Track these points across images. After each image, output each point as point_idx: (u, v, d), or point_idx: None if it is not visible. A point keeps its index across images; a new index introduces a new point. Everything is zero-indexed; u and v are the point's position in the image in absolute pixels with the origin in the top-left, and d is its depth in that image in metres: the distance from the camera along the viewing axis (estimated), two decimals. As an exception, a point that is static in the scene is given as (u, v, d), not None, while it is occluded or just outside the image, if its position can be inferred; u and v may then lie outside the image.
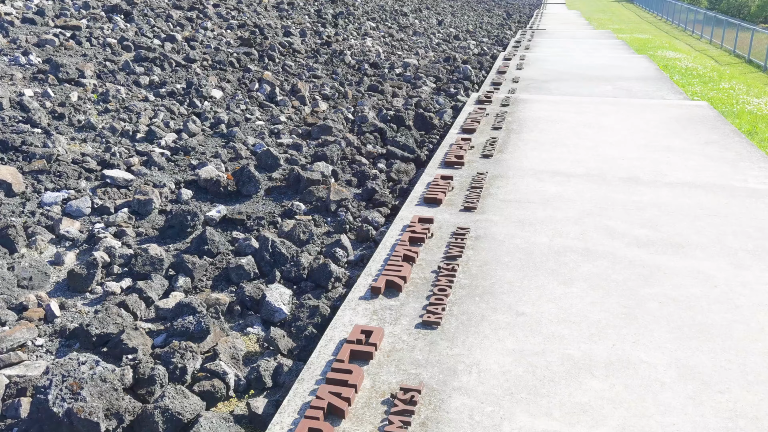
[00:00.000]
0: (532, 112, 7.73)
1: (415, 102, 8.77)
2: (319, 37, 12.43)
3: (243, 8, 13.95)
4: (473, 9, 30.47)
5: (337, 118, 7.56)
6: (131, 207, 4.75)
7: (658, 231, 4.28)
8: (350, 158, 6.25)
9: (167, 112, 6.79)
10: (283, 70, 9.58)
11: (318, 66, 10.18)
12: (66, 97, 6.46)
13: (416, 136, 7.22)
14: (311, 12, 15.73)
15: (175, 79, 7.93)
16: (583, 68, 11.49)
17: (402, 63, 11.45)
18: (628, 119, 7.34)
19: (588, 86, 9.76)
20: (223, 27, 11.42)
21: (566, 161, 5.82)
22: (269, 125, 7.07)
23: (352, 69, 10.70)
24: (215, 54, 9.33)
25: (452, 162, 5.71)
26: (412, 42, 15.12)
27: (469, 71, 10.90)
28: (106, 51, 8.42)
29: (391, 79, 10.28)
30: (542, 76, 10.67)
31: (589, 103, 8.20)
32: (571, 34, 19.80)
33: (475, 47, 15.80)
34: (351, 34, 14.10)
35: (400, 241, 4.09)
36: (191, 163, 5.70)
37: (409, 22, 18.69)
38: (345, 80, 9.79)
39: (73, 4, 10.92)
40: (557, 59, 12.72)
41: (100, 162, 5.38)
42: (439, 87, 10.23)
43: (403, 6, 23.21)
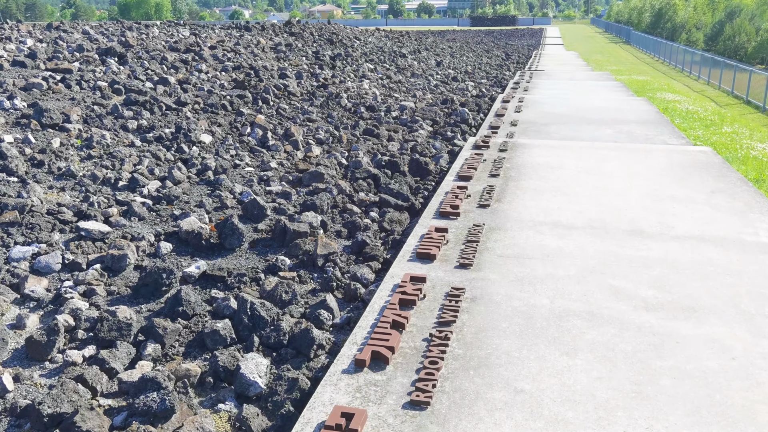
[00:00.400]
0: (531, 158, 7.50)
1: (411, 146, 8.56)
2: (315, 80, 12.32)
3: (240, 50, 13.90)
4: (472, 50, 30.68)
5: (330, 163, 7.32)
6: (104, 263, 4.46)
7: (668, 292, 3.97)
8: (341, 207, 5.98)
9: (153, 159, 6.56)
10: (277, 114, 9.40)
11: (313, 109, 10.01)
12: (47, 144, 6.23)
13: (411, 182, 6.97)
14: (309, 54, 15.71)
15: (164, 124, 7.73)
16: (582, 111, 11.33)
17: (399, 106, 11.29)
18: (630, 165, 7.10)
19: (588, 130, 9.57)
20: (218, 69, 11.30)
21: (567, 211, 5.55)
22: (259, 172, 6.83)
23: (347, 112, 10.54)
24: (208, 97, 9.16)
25: (447, 212, 5.44)
26: (409, 84, 15.04)
27: (466, 114, 10.74)
28: (95, 94, 8.25)
29: (387, 123, 10.10)
30: (541, 119, 10.49)
31: (590, 148, 7.98)
32: (570, 75, 19.78)
33: (474, 89, 15.72)
34: (348, 76, 14.01)
35: (390, 303, 3.79)
36: (174, 213, 5.43)
37: (408, 64, 18.69)
38: (340, 124, 9.61)
39: (67, 47, 10.83)
40: (556, 101, 12.59)
41: (76, 213, 5.11)
42: (435, 130, 10.04)
43: (402, 47, 23.32)
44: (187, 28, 16.86)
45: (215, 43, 14.48)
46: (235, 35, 16.61)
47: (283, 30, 20.20)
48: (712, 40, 47.28)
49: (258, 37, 16.90)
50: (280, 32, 19.54)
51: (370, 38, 23.23)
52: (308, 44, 17.96)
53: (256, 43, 15.86)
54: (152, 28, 16.11)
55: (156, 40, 13.59)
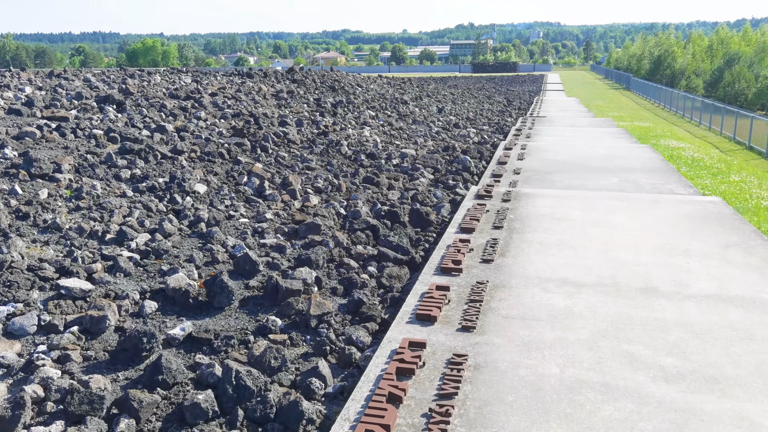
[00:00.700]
0: (535, 209, 7.27)
1: (411, 195, 8.35)
2: (316, 127, 12.22)
3: (241, 97, 13.87)
4: (474, 96, 30.87)
5: (327, 213, 7.10)
6: (83, 324, 4.18)
7: (688, 360, 3.67)
8: (338, 261, 5.72)
9: (144, 210, 6.34)
10: (275, 162, 9.23)
11: (312, 157, 9.85)
12: (35, 195, 6.03)
13: (411, 234, 6.72)
14: (311, 101, 15.69)
15: (159, 173, 7.54)
16: (586, 158, 11.16)
17: (400, 153, 11.14)
18: (639, 217, 6.85)
19: (593, 178, 9.36)
20: (217, 116, 11.21)
21: (575, 267, 5.27)
22: (254, 223, 6.59)
23: (348, 160, 10.38)
24: (205, 145, 9.01)
25: (449, 268, 5.17)
26: (411, 131, 14.95)
27: (468, 162, 10.56)
28: (90, 143, 8.09)
29: (388, 170, 9.92)
30: (545, 167, 10.31)
31: (596, 198, 7.75)
32: (572, 121, 19.75)
33: (475, 135, 15.62)
34: (349, 123, 13.93)
35: (386, 372, 3.49)
36: (162, 268, 5.18)
37: (409, 111, 18.68)
38: (340, 172, 9.43)
39: (66, 95, 10.76)
40: (559, 148, 12.44)
41: (58, 269, 4.86)
42: (437, 179, 9.85)
43: (404, 94, 23.42)
44: (188, 75, 16.92)
45: (216, 90, 14.47)
46: (237, 82, 16.65)
47: (285, 77, 20.31)
48: (711, 86, 47.67)
49: (260, 84, 16.94)
50: (282, 79, 19.63)
51: (372, 85, 23.36)
52: (310, 91, 17.99)
53: (257, 90, 15.86)
54: (154, 75, 16.16)
55: (157, 87, 13.57)
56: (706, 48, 61.78)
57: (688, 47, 62.39)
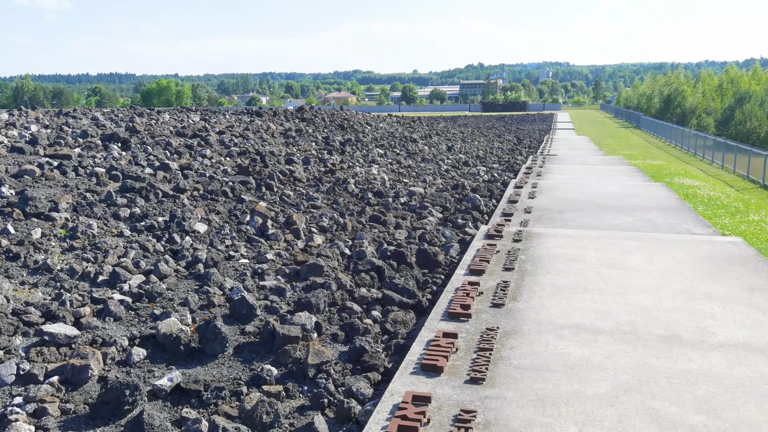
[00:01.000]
0: (547, 249, 6.98)
1: (419, 234, 8.09)
2: (323, 165, 12.06)
3: (249, 135, 13.79)
4: (484, 135, 30.85)
5: (331, 254, 6.84)
6: (64, 374, 3.91)
7: (719, 417, 3.34)
8: (340, 305, 5.44)
9: (140, 250, 6.11)
10: (280, 200, 9.03)
11: (318, 195, 9.65)
12: (27, 234, 5.82)
13: (418, 275, 6.44)
14: (319, 139, 15.60)
15: (159, 212, 7.34)
16: (599, 197, 10.89)
17: (408, 191, 10.93)
18: (656, 258, 6.54)
19: (606, 217, 9.08)
20: (222, 154, 11.08)
21: (591, 312, 4.96)
22: (254, 264, 6.34)
23: (354, 198, 10.17)
24: (209, 183, 8.84)
25: (457, 313, 4.88)
26: (419, 169, 14.78)
27: (478, 200, 10.32)
28: (91, 181, 7.94)
29: (395, 209, 9.69)
30: (557, 206, 10.04)
31: (611, 238, 7.45)
32: (583, 159, 19.54)
33: (485, 174, 15.43)
34: (357, 161, 13.79)
35: (387, 431, 3.18)
36: (154, 312, 4.92)
37: (418, 149, 18.57)
38: (346, 210, 9.20)
39: (72, 133, 10.69)
40: (571, 187, 12.19)
41: (44, 313, 4.62)
42: (446, 217, 9.60)
43: (413, 132, 23.38)
44: (197, 114, 16.93)
45: (224, 128, 14.41)
46: (246, 120, 16.63)
47: (294, 116, 20.34)
48: (722, 125, 47.54)
49: (268, 122, 16.92)
50: (291, 118, 19.65)
51: (381, 124, 23.35)
52: (319, 129, 17.95)
53: (265, 129, 15.81)
54: (163, 113, 16.18)
55: (165, 125, 13.53)
56: (716, 87, 61.87)
57: (698, 86, 62.52)
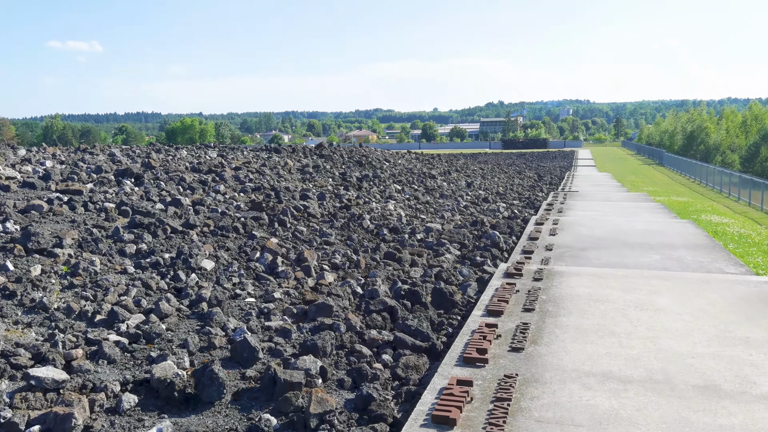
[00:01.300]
0: (570, 289, 6.61)
1: (435, 272, 7.77)
2: (338, 201, 11.84)
3: (265, 171, 13.67)
4: (504, 171, 30.59)
5: (342, 292, 6.55)
6: (46, 423, 3.63)
7: (769, 484, 2.94)
8: (349, 347, 5.12)
9: (142, 288, 5.87)
10: (293, 236, 8.79)
11: (332, 231, 9.39)
12: (26, 271, 5.62)
13: (433, 316, 6.11)
14: (336, 175, 15.45)
15: (166, 248, 7.13)
16: (623, 234, 10.49)
17: (424, 227, 10.63)
18: (687, 299, 6.14)
19: (632, 255, 8.68)
20: (236, 190, 10.92)
21: (619, 358, 4.58)
22: (261, 303, 6.06)
23: (369, 234, 9.90)
24: (220, 219, 8.64)
25: (473, 358, 4.53)
26: (438, 204, 14.50)
27: (497, 237, 9.98)
28: (99, 216, 7.78)
29: (411, 246, 9.39)
30: (579, 243, 9.66)
31: (638, 277, 7.06)
32: (605, 196, 19.12)
33: (505, 210, 15.10)
34: (374, 197, 13.56)
35: (391, 495, 2.84)
36: (150, 354, 4.64)
37: (437, 185, 18.33)
38: (360, 247, 8.93)
39: (86, 168, 10.63)
40: (594, 224, 11.80)
41: (34, 355, 4.36)
42: (464, 255, 9.27)
43: (432, 169, 23.20)
44: (215, 150, 16.93)
45: (240, 164, 14.33)
46: (263, 157, 16.58)
47: (313, 152, 20.31)
48: (748, 161, 46.80)
49: (286, 158, 16.84)
50: (310, 154, 19.60)
51: (400, 160, 23.22)
52: (337, 166, 17.83)
53: (282, 165, 15.72)
54: (181, 150, 16.20)
55: (181, 161, 13.48)
56: (740, 124, 61.19)
57: (721, 123, 61.88)
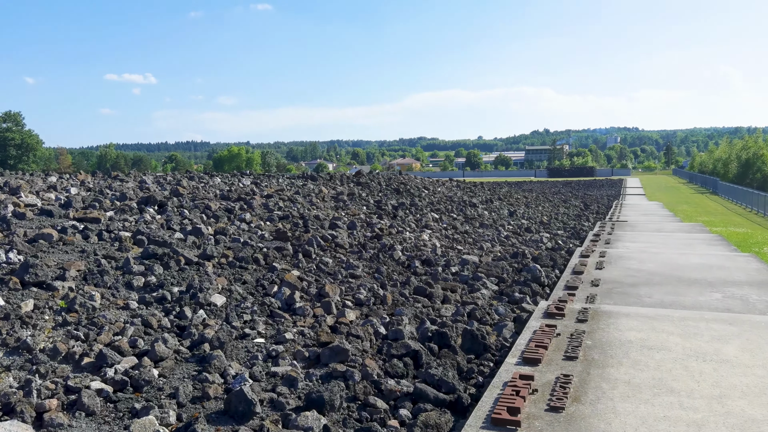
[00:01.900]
0: (618, 332, 5.84)
1: (468, 311, 7.09)
2: (370, 230, 11.28)
3: (297, 199, 13.25)
4: (548, 200, 29.65)
5: (363, 333, 5.93)
6: (-6, 492, 3.12)
7: None
8: (362, 400, 4.49)
9: (141, 326, 5.38)
10: (317, 269, 8.24)
11: (359, 263, 8.81)
12: (16, 307, 5.20)
13: (462, 362, 5.43)
14: (371, 203, 14.93)
15: (177, 281, 6.66)
16: (678, 269, 9.59)
17: (460, 260, 9.95)
18: (759, 348, 5.30)
19: (689, 293, 7.82)
20: (263, 218, 10.48)
21: (680, 424, 3.82)
22: (270, 344, 5.49)
23: (400, 266, 9.28)
24: (240, 249, 8.16)
25: (503, 420, 3.84)
26: (477, 235, 13.80)
27: (538, 271, 9.22)
28: (112, 246, 7.40)
29: (445, 279, 8.73)
30: (628, 279, 8.83)
31: (698, 320, 6.23)
32: (657, 226, 18.04)
33: (549, 241, 14.29)
34: (408, 225, 12.96)
35: None
36: (134, 406, 4.11)
37: (477, 213, 17.63)
38: (388, 280, 8.31)
39: (111, 195, 10.37)
40: (645, 257, 10.91)
41: (4, 405, 3.88)
42: (501, 290, 8.55)
43: (473, 197, 22.50)
44: (249, 178, 16.64)
45: (273, 191, 13.96)
46: (298, 184, 16.21)
47: (350, 180, 19.93)
48: (809, 190, 44.36)
49: (321, 186, 16.44)
50: (347, 182, 19.21)
51: (440, 188, 22.62)
52: (373, 193, 17.35)
53: (317, 192, 15.31)
54: (215, 177, 15.96)
55: (213, 188, 13.19)
56: (799, 150, 58.44)
57: (779, 150, 59.22)
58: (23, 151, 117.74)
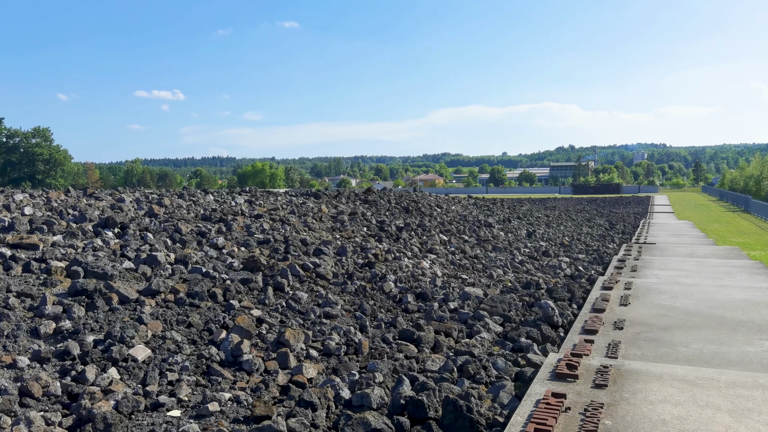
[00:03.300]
0: (648, 407, 4.46)
1: (461, 363, 5.76)
2: (362, 256, 9.99)
3: (290, 219, 12.05)
4: (571, 218, 28.10)
5: (320, 398, 4.64)
6: None
7: None
8: None
9: (16, 395, 4.15)
10: (285, 306, 6.97)
11: (339, 299, 7.53)
12: None
13: (439, 447, 4.10)
14: (373, 224, 13.64)
15: (99, 326, 5.44)
16: (718, 306, 8.13)
17: (461, 293, 8.61)
18: (841, 437, 3.89)
19: (735, 341, 6.38)
20: (239, 243, 9.26)
21: None
22: (186, 420, 4.22)
23: (390, 300, 7.98)
24: (197, 282, 6.94)
25: None
26: (488, 260, 12.42)
27: (551, 309, 7.83)
28: (37, 280, 6.22)
29: (440, 319, 7.40)
30: (659, 320, 7.40)
31: (752, 387, 4.82)
32: (689, 250, 16.45)
33: (568, 266, 12.86)
34: (410, 250, 11.65)
35: None
36: None
37: (492, 235, 16.25)
38: (371, 320, 7.02)
39: (71, 216, 9.25)
40: (677, 289, 9.45)
41: None
42: (506, 332, 7.20)
43: (490, 216, 21.12)
44: (244, 195, 15.49)
45: (265, 211, 12.78)
46: (297, 203, 15.02)
47: (358, 197, 18.74)
48: None
49: (321, 204, 15.23)
50: (354, 199, 18.03)
51: (454, 206, 21.27)
52: (380, 212, 16.09)
53: (315, 212, 14.11)
54: (209, 195, 14.84)
55: (199, 207, 12.07)
56: (838, 167, 55.88)
57: (816, 166, 56.73)
58: (51, 166, 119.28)
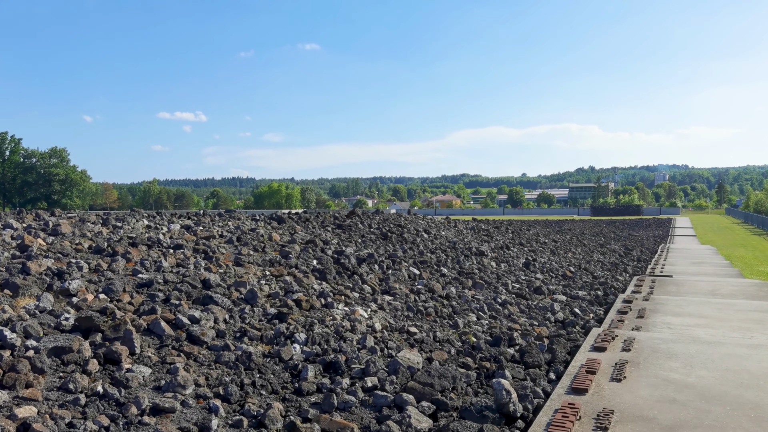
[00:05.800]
0: None
1: None
2: (280, 303, 7.70)
3: (220, 250, 9.85)
4: (583, 244, 25.58)
5: None
6: None
7: None
8: None
9: None
10: (100, 397, 4.71)
11: (200, 376, 5.24)
12: None
13: None
14: (326, 255, 11.34)
15: None
16: (752, 385, 5.70)
17: (390, 361, 6.26)
18: None
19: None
20: (98, 288, 7.01)
21: None
22: None
23: (286, 374, 5.68)
24: (-26, 356, 4.71)
25: None
26: (459, 302, 10.05)
27: (504, 394, 5.41)
28: None
29: (343, 407, 5.08)
30: (664, 410, 5.01)
31: None
32: (711, 286, 13.83)
33: (561, 309, 10.46)
34: (358, 291, 9.35)
35: None
36: None
37: (481, 266, 13.88)
38: (233, 413, 4.72)
39: None
40: (694, 350, 7.02)
41: None
42: (438, 429, 4.85)
43: (486, 242, 18.75)
44: (182, 220, 13.31)
45: (193, 239, 10.60)
46: (245, 228, 12.80)
47: (335, 221, 16.58)
48: None
49: (272, 231, 13.02)
50: (328, 224, 15.86)
51: (444, 232, 18.90)
52: (351, 240, 13.84)
53: (265, 239, 11.92)
54: (142, 219, 12.70)
55: (96, 237, 9.94)
56: None
57: None
58: (67, 186, 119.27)
